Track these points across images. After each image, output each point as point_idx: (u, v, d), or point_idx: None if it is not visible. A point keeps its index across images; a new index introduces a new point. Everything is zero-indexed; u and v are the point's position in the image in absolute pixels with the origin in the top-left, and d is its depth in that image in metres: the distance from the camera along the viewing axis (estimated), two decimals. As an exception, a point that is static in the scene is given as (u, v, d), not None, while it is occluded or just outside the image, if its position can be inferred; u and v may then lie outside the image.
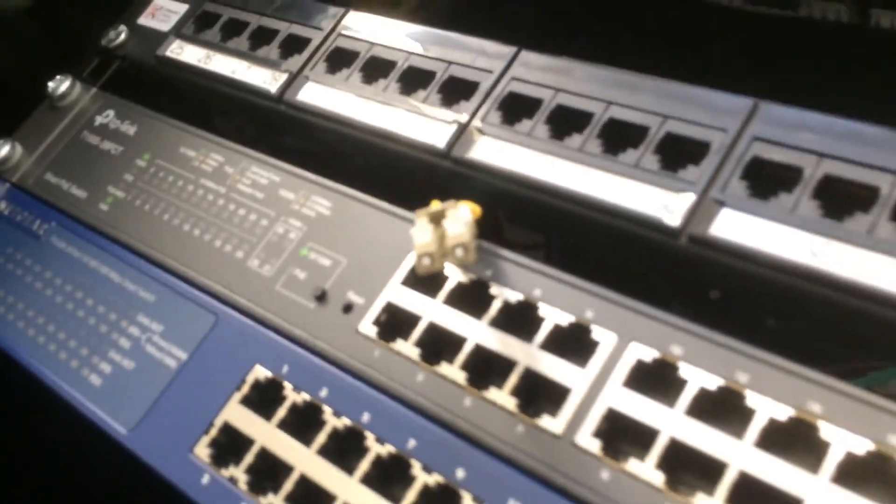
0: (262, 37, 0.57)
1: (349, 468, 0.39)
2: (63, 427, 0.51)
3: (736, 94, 0.41)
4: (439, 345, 0.40)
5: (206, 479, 0.41)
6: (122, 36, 0.63)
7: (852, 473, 0.31)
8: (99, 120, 0.60)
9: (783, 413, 0.33)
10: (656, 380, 0.36)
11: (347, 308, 0.43)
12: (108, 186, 0.56)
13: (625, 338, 0.37)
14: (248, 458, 0.41)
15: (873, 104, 0.40)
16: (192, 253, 0.50)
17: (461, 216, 0.37)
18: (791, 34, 0.49)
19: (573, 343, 0.38)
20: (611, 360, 0.36)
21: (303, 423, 0.41)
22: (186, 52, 0.59)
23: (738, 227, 0.37)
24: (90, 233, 0.54)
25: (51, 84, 0.62)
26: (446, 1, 0.65)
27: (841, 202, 0.36)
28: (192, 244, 0.50)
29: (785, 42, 0.50)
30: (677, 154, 0.40)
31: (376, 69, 0.51)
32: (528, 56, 0.47)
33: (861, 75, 0.46)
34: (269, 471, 0.41)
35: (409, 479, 0.37)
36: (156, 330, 0.48)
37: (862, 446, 0.31)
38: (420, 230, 0.37)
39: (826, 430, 0.32)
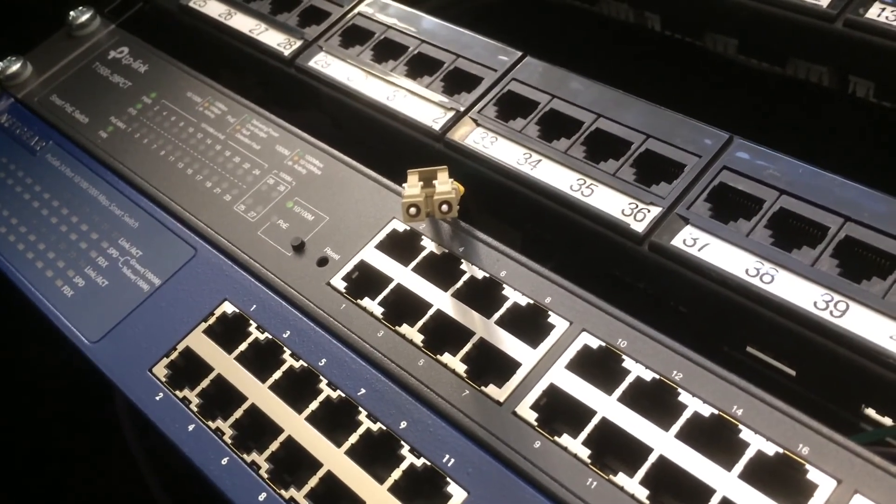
0: (285, 3, 0.59)
1: (298, 407, 0.41)
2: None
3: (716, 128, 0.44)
4: (403, 307, 0.43)
5: (160, 396, 0.43)
6: (149, -19, 0.66)
7: (760, 473, 0.34)
8: (112, 54, 0.62)
9: (708, 411, 0.35)
10: (599, 367, 0.38)
11: (322, 261, 0.45)
12: (111, 116, 0.58)
13: (577, 326, 0.39)
14: (204, 383, 0.43)
15: (840, 161, 0.43)
16: (182, 189, 0.51)
17: (449, 179, 0.40)
18: (777, 89, 0.53)
19: (529, 324, 0.40)
20: (560, 344, 0.39)
21: (261, 360, 0.43)
22: (209, 6, 0.61)
23: (695, 242, 0.40)
24: (86, 156, 0.56)
25: (72, 13, 0.64)
26: (471, 5, 0.67)
27: (791, 235, 0.39)
28: (184, 181, 0.52)
29: (772, 95, 0.53)
30: (653, 170, 0.43)
31: (388, 50, 0.54)
32: (532, 61, 0.50)
33: (832, 134, 0.50)
34: (221, 398, 0.42)
35: (354, 424, 0.39)
36: (135, 254, 0.49)
37: (772, 450, 0.34)
38: (411, 184, 0.39)
39: (744, 433, 0.34)
